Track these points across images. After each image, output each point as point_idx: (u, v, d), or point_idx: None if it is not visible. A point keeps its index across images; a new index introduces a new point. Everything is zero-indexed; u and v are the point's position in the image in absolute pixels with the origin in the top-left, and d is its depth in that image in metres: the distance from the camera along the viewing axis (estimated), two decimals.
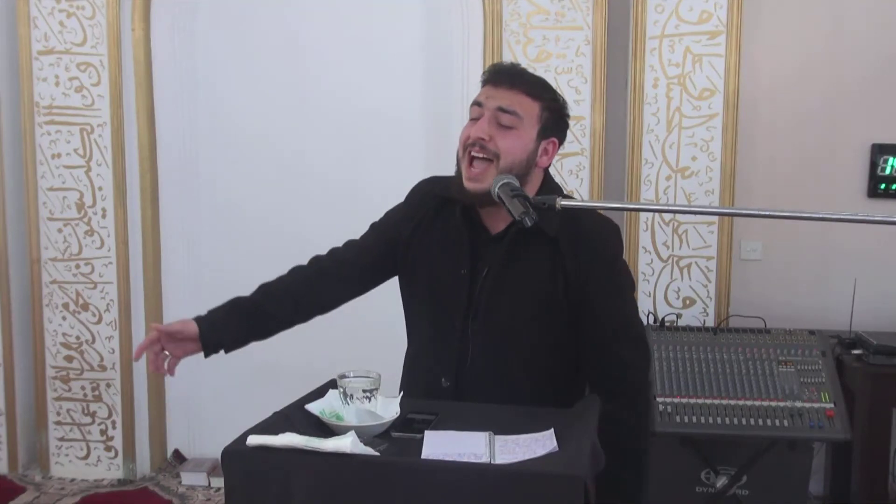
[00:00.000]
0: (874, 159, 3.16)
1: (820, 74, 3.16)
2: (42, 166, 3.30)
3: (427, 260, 1.76)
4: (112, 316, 3.35)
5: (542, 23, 3.07)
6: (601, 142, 3.08)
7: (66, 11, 3.22)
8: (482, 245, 1.72)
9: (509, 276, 1.68)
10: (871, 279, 3.09)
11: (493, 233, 1.72)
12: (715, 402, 2.63)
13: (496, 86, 1.68)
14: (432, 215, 1.78)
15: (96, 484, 3.38)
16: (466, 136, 1.67)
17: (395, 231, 1.80)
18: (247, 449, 1.31)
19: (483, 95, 1.68)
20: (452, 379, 1.71)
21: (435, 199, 1.79)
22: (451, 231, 1.74)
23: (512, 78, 1.68)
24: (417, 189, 1.86)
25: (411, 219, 1.79)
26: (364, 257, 1.82)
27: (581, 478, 1.22)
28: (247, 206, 3.48)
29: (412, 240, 1.78)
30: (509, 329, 1.69)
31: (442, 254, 1.74)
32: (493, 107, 1.65)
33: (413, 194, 1.85)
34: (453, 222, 1.73)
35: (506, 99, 1.65)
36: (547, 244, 1.66)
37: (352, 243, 1.86)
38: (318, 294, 1.82)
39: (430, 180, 1.86)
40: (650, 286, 3.09)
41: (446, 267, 1.72)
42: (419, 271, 1.77)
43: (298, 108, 3.40)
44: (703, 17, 2.98)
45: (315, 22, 3.35)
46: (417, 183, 1.87)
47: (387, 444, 1.40)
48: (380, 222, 1.87)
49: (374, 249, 1.82)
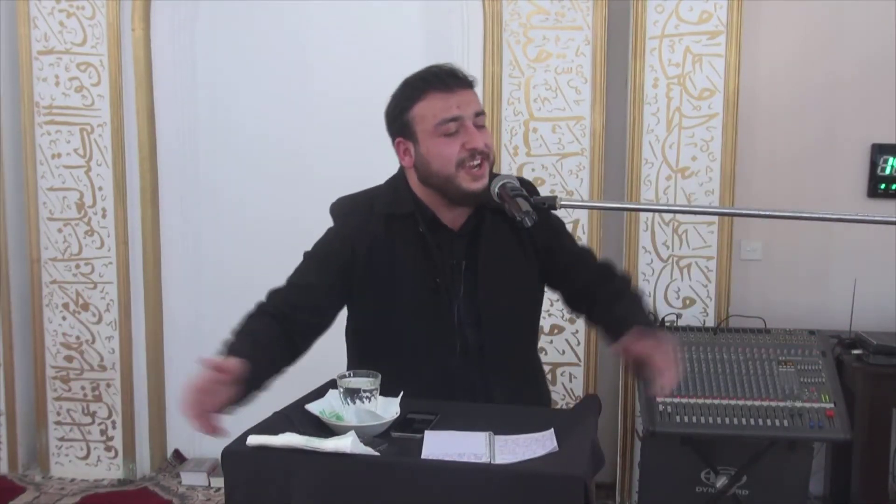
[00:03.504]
0: (874, 159, 3.16)
1: (820, 74, 3.16)
2: (42, 166, 3.30)
3: (394, 278, 1.71)
4: (112, 316, 3.35)
5: (542, 23, 3.07)
6: (601, 142, 3.08)
7: (66, 11, 3.22)
8: (447, 243, 1.74)
9: (489, 262, 1.73)
10: (871, 279, 3.09)
11: (455, 230, 1.75)
12: (715, 402, 2.63)
13: (451, 90, 1.66)
14: (383, 232, 1.72)
15: (96, 484, 3.38)
16: (458, 148, 1.64)
17: (340, 258, 1.72)
18: (247, 449, 1.31)
19: (453, 107, 1.65)
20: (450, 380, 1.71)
21: (379, 218, 1.73)
22: (413, 244, 1.71)
23: (460, 78, 1.70)
24: (344, 209, 1.78)
25: (356, 240, 1.72)
26: (324, 297, 1.72)
27: (581, 478, 1.22)
28: (247, 205, 3.48)
29: (368, 259, 1.71)
30: (507, 313, 1.75)
31: (409, 267, 1.71)
32: (471, 114, 1.67)
33: (347, 215, 1.77)
34: (413, 234, 1.71)
35: (473, 102, 1.69)
36: (505, 221, 1.70)
37: (301, 285, 1.72)
38: (297, 345, 1.67)
39: (353, 199, 1.79)
40: (650, 286, 3.09)
41: (418, 279, 1.71)
42: (384, 289, 1.72)
43: (298, 108, 3.40)
44: (703, 17, 2.98)
45: (315, 21, 3.35)
46: (338, 205, 1.80)
47: (387, 444, 1.40)
48: (320, 253, 1.76)
49: (333, 287, 1.73)
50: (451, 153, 1.64)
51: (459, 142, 1.65)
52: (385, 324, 1.75)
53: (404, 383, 1.57)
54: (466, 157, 1.64)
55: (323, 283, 1.72)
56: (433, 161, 1.67)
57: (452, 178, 1.66)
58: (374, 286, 1.73)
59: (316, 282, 1.72)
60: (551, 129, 3.09)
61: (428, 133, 1.67)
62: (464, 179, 1.65)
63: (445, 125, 1.65)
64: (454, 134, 1.65)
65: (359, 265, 1.72)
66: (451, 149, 1.65)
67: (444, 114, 1.65)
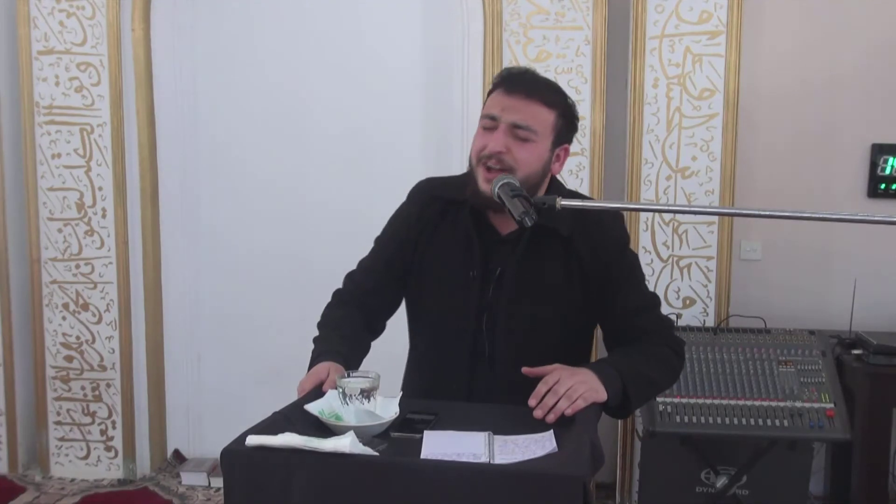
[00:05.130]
0: (874, 159, 3.16)
1: (820, 74, 3.16)
2: (42, 166, 3.30)
3: (434, 262, 1.76)
4: (112, 316, 3.35)
5: (542, 23, 3.07)
6: (601, 142, 3.08)
7: (66, 11, 3.22)
8: (492, 246, 1.72)
9: (524, 275, 1.70)
10: (871, 279, 3.09)
11: (502, 234, 1.73)
12: (715, 402, 2.63)
13: (510, 93, 1.66)
14: (438, 218, 1.77)
15: (96, 484, 3.38)
16: (481, 146, 1.66)
17: (405, 233, 1.79)
18: (246, 449, 1.31)
19: (498, 107, 1.65)
20: (465, 381, 1.72)
21: (438, 200, 1.78)
22: (458, 233, 1.74)
23: (527, 86, 1.67)
24: (418, 189, 1.84)
25: (418, 219, 1.79)
26: (387, 278, 1.81)
27: (581, 478, 1.22)
28: (247, 205, 3.48)
29: (420, 241, 1.77)
30: (530, 329, 1.71)
31: (450, 256, 1.74)
32: (508, 121, 1.64)
33: (415, 195, 1.84)
34: (461, 224, 1.73)
35: (521, 112, 1.64)
36: (559, 242, 1.69)
37: (368, 268, 1.84)
38: (374, 327, 1.84)
39: (430, 181, 1.86)
40: (650, 286, 3.08)
41: (455, 268, 1.72)
42: (426, 273, 1.77)
43: (299, 107, 3.40)
44: (703, 17, 2.98)
45: (315, 19, 3.35)
46: (417, 184, 1.86)
47: (386, 444, 1.40)
48: (386, 233, 1.85)
49: (392, 264, 1.81)
50: (479, 146, 1.67)
51: (488, 139, 1.66)
52: (420, 310, 1.80)
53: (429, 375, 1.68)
54: (485, 156, 1.65)
55: (386, 264, 1.81)
56: (471, 148, 1.71)
57: (474, 170, 1.68)
58: (419, 267, 1.77)
59: (380, 264, 1.82)
60: None
61: (480, 121, 1.71)
62: (480, 175, 1.66)
63: (484, 119, 1.68)
64: (490, 130, 1.67)
65: (411, 245, 1.78)
66: (480, 142, 1.67)
67: (489, 109, 1.68)
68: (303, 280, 3.31)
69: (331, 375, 1.55)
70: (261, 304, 3.47)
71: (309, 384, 1.56)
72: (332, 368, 1.59)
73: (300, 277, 3.36)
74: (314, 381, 1.56)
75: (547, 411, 1.47)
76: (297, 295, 3.31)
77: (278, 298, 3.42)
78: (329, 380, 1.54)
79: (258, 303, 3.47)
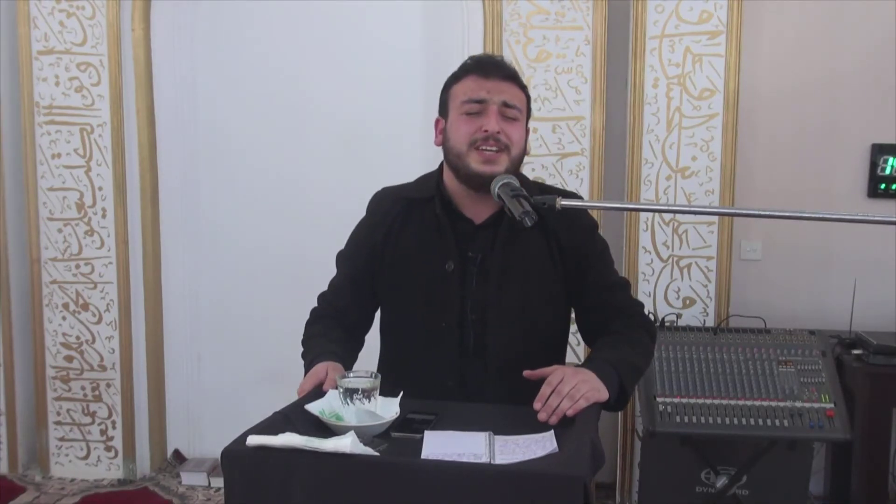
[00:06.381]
0: (874, 159, 3.16)
1: (820, 74, 3.16)
2: (42, 166, 3.30)
3: (405, 261, 1.76)
4: (112, 316, 3.35)
5: (542, 23, 3.07)
6: (601, 142, 3.08)
7: (66, 11, 3.22)
8: (467, 235, 1.74)
9: (508, 260, 1.72)
10: (870, 279, 3.09)
11: (477, 222, 1.75)
12: (715, 402, 2.63)
13: (487, 77, 1.70)
14: (402, 219, 1.78)
15: (96, 484, 3.38)
16: (473, 129, 1.68)
17: (369, 241, 1.80)
18: (247, 449, 1.31)
19: (482, 91, 1.69)
20: (456, 377, 1.72)
21: (400, 202, 1.80)
22: (427, 228, 1.75)
23: (502, 69, 1.73)
24: (377, 198, 1.87)
25: (380, 225, 1.80)
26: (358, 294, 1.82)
27: (581, 478, 1.22)
28: (248, 205, 3.48)
29: (386, 246, 1.78)
30: (521, 311, 1.72)
31: (421, 252, 1.74)
32: (498, 101, 1.69)
33: (374, 203, 1.86)
34: (429, 219, 1.75)
35: (506, 92, 1.70)
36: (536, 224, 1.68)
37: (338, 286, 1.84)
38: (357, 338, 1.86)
39: (387, 189, 1.88)
40: (650, 286, 3.09)
41: (428, 264, 1.73)
42: (398, 275, 1.77)
43: (299, 107, 3.40)
44: (703, 17, 2.98)
45: (315, 19, 3.35)
46: (374, 194, 1.88)
47: (386, 444, 1.40)
48: (349, 248, 1.86)
49: (361, 278, 1.81)
50: (468, 131, 1.68)
51: (478, 123, 1.68)
52: (397, 310, 1.80)
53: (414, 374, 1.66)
54: (480, 138, 1.67)
55: (355, 277, 1.82)
56: (452, 137, 1.71)
57: (464, 156, 1.68)
58: (389, 269, 1.77)
59: (349, 280, 1.83)
60: (551, 129, 3.09)
61: (455, 110, 1.72)
62: (474, 159, 1.67)
63: (469, 104, 1.70)
64: (476, 115, 1.69)
65: (379, 250, 1.78)
66: (469, 127, 1.69)
67: (472, 94, 1.69)
68: (304, 280, 3.26)
69: (330, 375, 1.56)
70: (261, 305, 3.47)
71: (308, 384, 1.56)
72: (330, 368, 1.59)
73: (301, 278, 3.33)
74: (314, 381, 1.56)
75: (551, 413, 1.48)
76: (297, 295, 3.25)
77: (279, 298, 3.42)
78: (329, 379, 1.55)
79: (258, 303, 3.47)
